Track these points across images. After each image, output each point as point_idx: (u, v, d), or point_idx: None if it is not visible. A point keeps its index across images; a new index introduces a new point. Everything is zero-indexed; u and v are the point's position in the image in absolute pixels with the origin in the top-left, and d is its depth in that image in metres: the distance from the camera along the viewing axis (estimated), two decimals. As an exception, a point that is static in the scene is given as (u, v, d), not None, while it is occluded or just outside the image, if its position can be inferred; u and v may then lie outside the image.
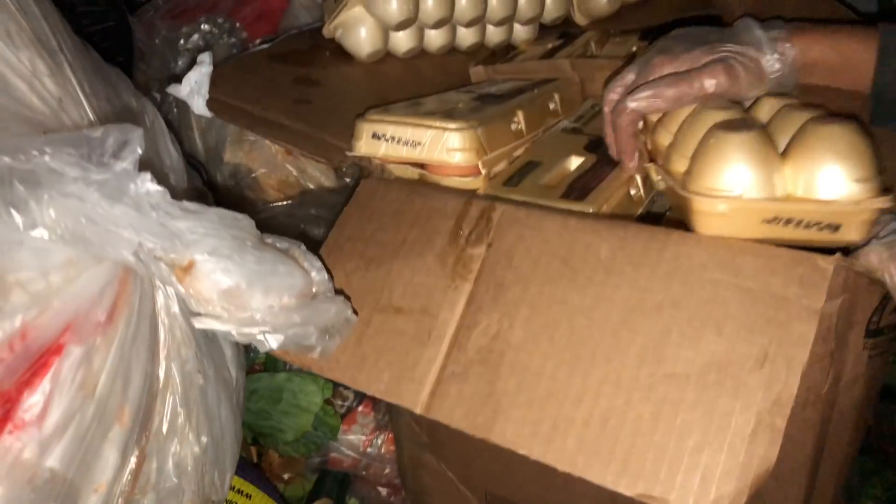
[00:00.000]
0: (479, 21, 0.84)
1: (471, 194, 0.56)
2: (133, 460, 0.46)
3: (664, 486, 0.39)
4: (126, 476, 0.45)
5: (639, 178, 0.59)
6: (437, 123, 0.57)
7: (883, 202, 0.43)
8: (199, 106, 0.68)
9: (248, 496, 0.66)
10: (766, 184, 0.44)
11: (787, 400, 0.39)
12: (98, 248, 0.39)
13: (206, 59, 0.70)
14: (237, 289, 0.42)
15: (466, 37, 0.86)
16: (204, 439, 0.53)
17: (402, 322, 0.52)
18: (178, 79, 0.80)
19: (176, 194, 0.54)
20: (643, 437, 0.40)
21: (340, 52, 0.80)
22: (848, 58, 0.56)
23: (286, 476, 0.82)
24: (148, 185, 0.40)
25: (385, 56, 0.81)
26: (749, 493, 0.37)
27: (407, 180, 0.62)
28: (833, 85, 0.56)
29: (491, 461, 0.64)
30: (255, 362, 0.81)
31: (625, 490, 0.40)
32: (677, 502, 0.39)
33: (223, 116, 0.70)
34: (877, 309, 0.45)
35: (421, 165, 0.59)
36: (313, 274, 0.48)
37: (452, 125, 0.57)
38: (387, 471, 0.83)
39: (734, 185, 0.44)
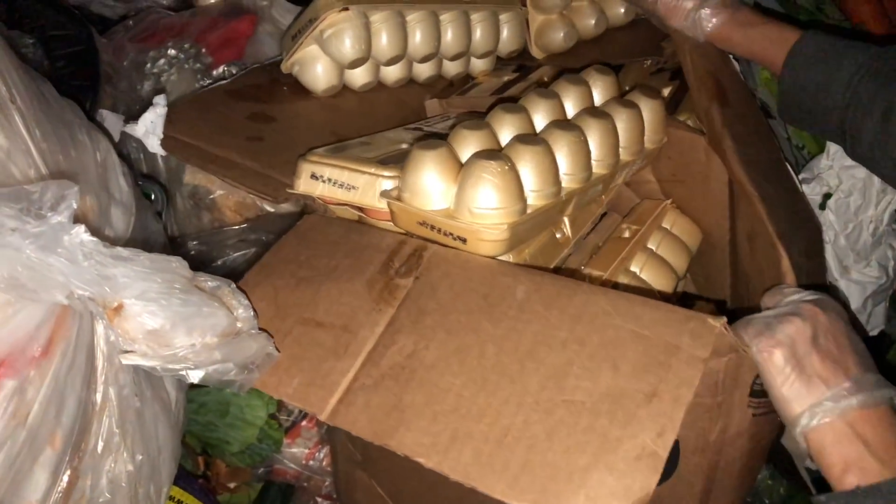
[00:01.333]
0: (433, 57, 0.88)
1: (407, 235, 0.60)
2: (65, 479, 0.50)
3: (552, 501, 0.42)
4: (56, 494, 0.49)
5: (566, 220, 0.65)
6: (371, 170, 0.61)
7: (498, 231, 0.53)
8: (153, 146, 0.73)
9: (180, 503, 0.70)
10: (428, 196, 0.56)
11: (670, 432, 0.43)
12: (32, 294, 0.44)
13: (160, 101, 0.74)
14: (161, 330, 0.46)
15: (423, 70, 0.91)
16: (139, 457, 0.58)
17: (322, 335, 0.55)
18: (143, 102, 0.84)
19: (119, 231, 0.58)
20: (537, 454, 0.44)
21: (298, 87, 0.84)
22: (755, 53, 0.72)
23: (232, 485, 0.86)
24: (82, 235, 0.44)
25: (342, 90, 0.86)
26: None
27: (347, 219, 0.66)
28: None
29: (419, 483, 0.68)
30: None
31: (515, 500, 0.43)
32: None
33: (176, 155, 0.74)
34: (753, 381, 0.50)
35: (359, 208, 0.64)
36: (239, 311, 0.52)
37: (385, 173, 0.61)
38: (327, 483, 0.88)
39: (404, 190, 0.57)
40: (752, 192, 0.63)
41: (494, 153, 0.56)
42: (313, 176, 0.64)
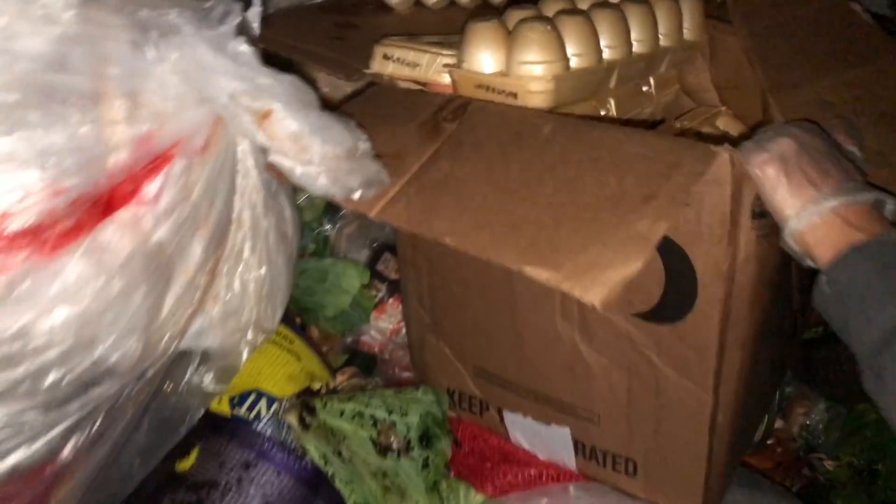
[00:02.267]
0: None
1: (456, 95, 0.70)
2: (211, 262, 0.60)
3: (551, 264, 0.50)
4: (205, 273, 0.59)
5: (612, 101, 0.72)
6: (434, 49, 0.72)
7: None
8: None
9: (291, 342, 0.80)
10: (483, 61, 0.66)
11: (663, 223, 0.50)
12: (202, 87, 0.53)
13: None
14: (302, 134, 0.55)
15: None
16: (263, 271, 0.67)
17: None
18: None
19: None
20: (544, 234, 0.52)
21: (381, 3, 0.94)
22: None
23: (323, 349, 0.96)
24: (242, 45, 0.54)
25: (420, 8, 0.95)
26: (622, 283, 0.48)
27: (408, 88, 0.75)
28: None
29: (478, 338, 0.77)
30: (305, 251, 0.95)
31: (521, 265, 0.51)
32: (567, 277, 0.49)
33: (270, 47, 0.85)
34: (756, 195, 0.56)
35: (423, 83, 0.73)
36: (360, 135, 0.61)
37: (445, 51, 0.71)
38: (407, 357, 0.96)
39: (463, 60, 0.67)
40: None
41: (539, 17, 0.65)
42: (385, 56, 0.74)
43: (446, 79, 0.71)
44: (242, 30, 0.54)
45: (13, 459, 0.52)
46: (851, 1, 0.85)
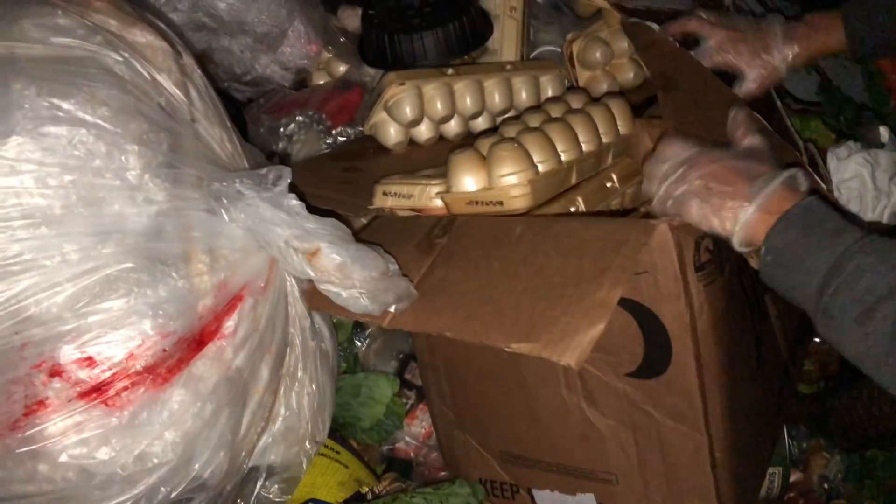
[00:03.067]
0: (481, 114, 1.10)
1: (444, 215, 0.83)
2: (274, 382, 0.69)
3: (533, 336, 0.61)
4: (271, 393, 0.69)
5: (580, 199, 0.86)
6: (423, 181, 0.86)
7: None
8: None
9: (338, 452, 0.88)
10: (468, 182, 0.79)
11: (617, 290, 0.62)
12: (264, 237, 0.65)
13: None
14: (345, 264, 0.67)
15: (477, 124, 1.12)
16: (314, 388, 0.77)
17: None
18: (279, 158, 1.10)
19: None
20: (524, 315, 0.64)
21: (379, 146, 1.08)
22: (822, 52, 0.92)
23: (363, 460, 1.03)
24: (293, 201, 0.66)
25: (413, 145, 1.09)
26: (590, 343, 0.59)
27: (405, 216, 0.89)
28: None
29: (499, 424, 0.87)
30: (339, 370, 1.05)
31: (507, 343, 0.62)
32: (545, 346, 0.60)
33: None
34: (695, 250, 0.68)
35: (419, 210, 0.87)
36: (390, 265, 0.72)
37: (432, 181, 0.85)
38: (440, 458, 1.04)
39: (452, 185, 0.80)
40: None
41: (506, 139, 0.81)
42: (384, 193, 0.88)
43: (437, 203, 0.84)
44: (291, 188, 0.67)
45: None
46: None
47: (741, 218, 0.64)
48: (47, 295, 0.53)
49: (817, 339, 1.08)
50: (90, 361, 0.54)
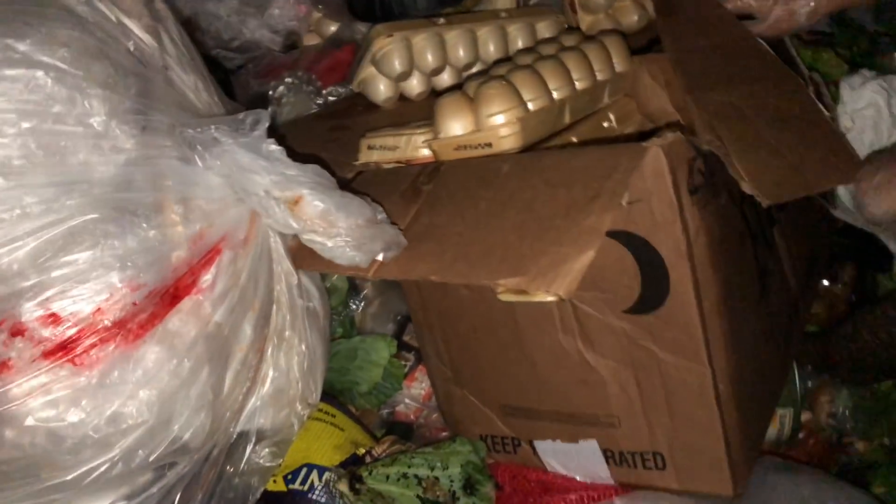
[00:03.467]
0: (473, 64, 1.04)
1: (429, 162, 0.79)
2: (259, 341, 0.66)
3: (521, 270, 0.59)
4: (255, 352, 0.66)
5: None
6: (407, 131, 0.82)
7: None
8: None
9: (333, 415, 0.85)
10: (455, 126, 0.75)
11: (608, 214, 0.59)
12: (242, 185, 0.61)
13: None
14: (329, 211, 0.63)
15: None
16: (303, 348, 0.74)
17: None
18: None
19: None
20: (512, 252, 0.61)
21: (368, 103, 1.04)
22: None
23: (361, 425, 1.00)
24: (272, 146, 0.62)
25: (403, 100, 1.04)
26: (580, 271, 0.57)
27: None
28: None
29: (497, 377, 0.84)
30: (334, 335, 1.01)
31: (495, 280, 0.60)
32: (534, 279, 0.58)
33: None
34: (688, 172, 0.65)
35: (405, 162, 0.82)
36: (377, 212, 0.68)
37: (417, 130, 0.81)
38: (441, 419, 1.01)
39: (438, 131, 0.76)
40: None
41: (493, 77, 0.77)
42: (369, 147, 0.85)
43: (424, 153, 0.80)
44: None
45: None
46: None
47: None
48: (6, 251, 0.50)
49: (826, 282, 1.05)
50: (54, 318, 0.50)
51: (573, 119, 0.84)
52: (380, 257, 0.66)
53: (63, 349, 0.50)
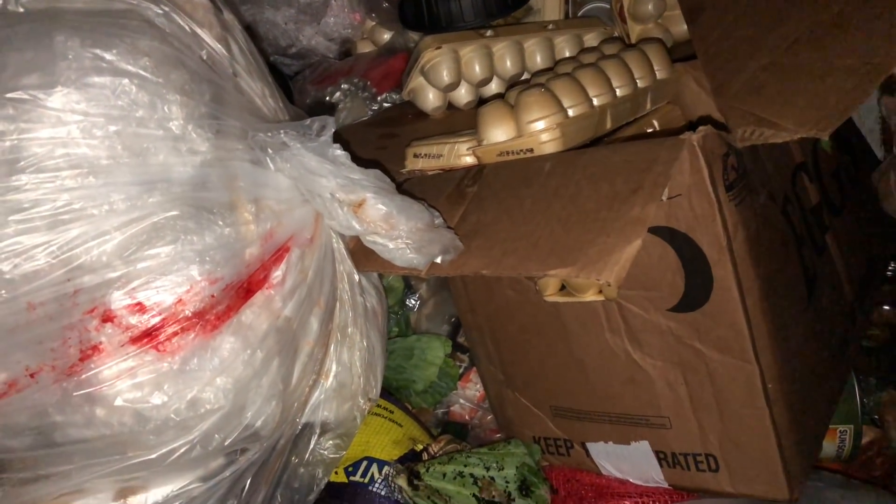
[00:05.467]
0: (520, 75, 1.07)
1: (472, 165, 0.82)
2: (324, 336, 0.69)
3: (569, 260, 0.61)
4: (321, 346, 0.69)
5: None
6: (451, 140, 0.85)
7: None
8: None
9: (391, 412, 0.88)
10: (498, 133, 0.78)
11: (651, 205, 0.61)
12: (308, 187, 0.65)
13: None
14: (391, 214, 0.66)
15: None
16: (364, 344, 0.77)
17: None
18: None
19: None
20: (559, 244, 0.63)
21: (418, 111, 1.07)
22: None
23: (417, 424, 1.03)
24: (338, 151, 0.65)
25: (452, 109, 1.07)
26: (628, 260, 0.58)
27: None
28: None
29: (546, 379, 0.85)
30: (391, 334, 1.04)
31: (545, 270, 0.62)
32: (583, 268, 0.60)
33: None
34: (722, 168, 0.66)
35: (448, 170, 0.85)
36: (435, 217, 0.71)
37: (460, 139, 0.84)
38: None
39: (482, 139, 0.79)
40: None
41: (533, 85, 0.79)
42: (415, 155, 0.88)
43: (467, 161, 0.83)
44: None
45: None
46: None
47: None
48: (97, 243, 0.54)
49: (887, 307, 1.04)
50: (140, 307, 0.54)
51: (615, 125, 0.85)
52: (438, 260, 0.68)
53: (148, 336, 0.54)
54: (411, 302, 1.04)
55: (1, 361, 0.52)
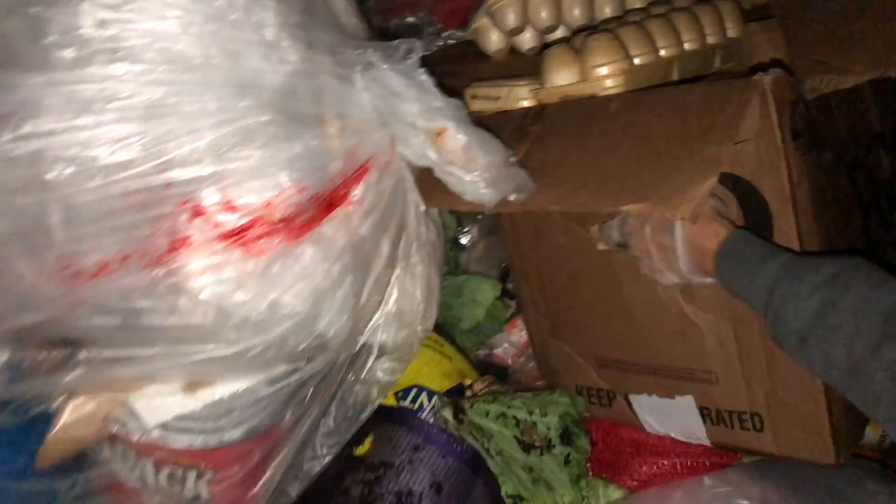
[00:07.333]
0: (588, 26, 1.04)
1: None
2: (391, 260, 0.70)
3: (645, 198, 0.61)
4: (388, 269, 0.70)
5: None
6: (510, 83, 0.85)
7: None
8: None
9: (442, 345, 0.89)
10: (561, 77, 0.78)
11: (726, 144, 0.62)
12: (391, 111, 0.65)
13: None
14: (470, 146, 0.66)
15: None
16: (425, 274, 0.78)
17: None
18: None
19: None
20: (630, 178, 0.64)
21: (480, 52, 1.05)
22: None
23: (459, 363, 1.04)
24: (423, 76, 0.66)
25: (514, 53, 1.05)
26: (703, 197, 0.59)
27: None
28: None
29: (593, 327, 0.86)
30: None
31: (618, 206, 0.63)
32: (657, 203, 0.61)
33: None
34: (791, 115, 0.65)
35: (504, 112, 0.85)
36: (510, 154, 0.71)
37: (520, 82, 0.84)
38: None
39: (545, 82, 0.79)
40: None
41: (600, 30, 0.79)
42: (473, 96, 0.88)
43: (524, 105, 0.84)
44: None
45: (250, 424, 0.63)
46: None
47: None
48: (189, 139, 0.55)
49: None
50: (230, 206, 0.56)
51: (681, 79, 0.84)
52: (512, 198, 0.69)
53: (236, 235, 0.55)
54: (464, 241, 1.05)
55: (94, 244, 0.54)
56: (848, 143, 0.77)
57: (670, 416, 0.84)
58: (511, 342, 1.04)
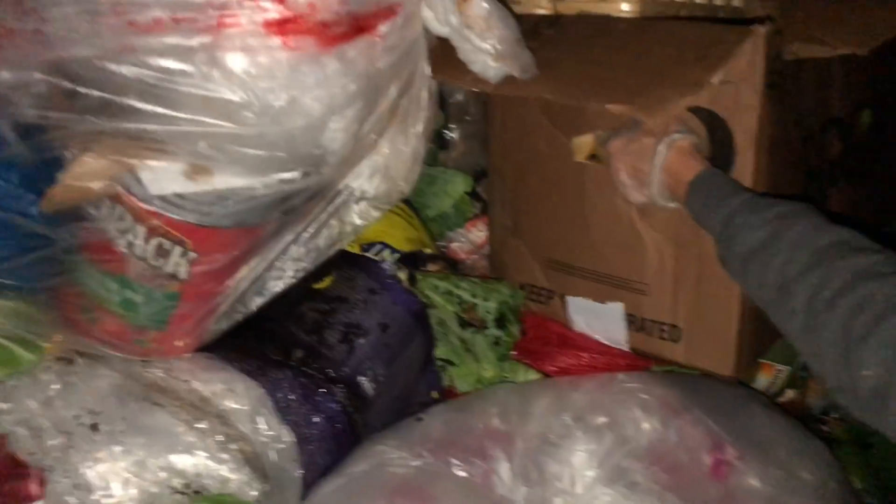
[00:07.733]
0: None
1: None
2: (392, 109, 0.76)
3: (629, 101, 0.70)
4: (388, 112, 0.76)
5: None
6: None
7: None
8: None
9: (411, 216, 0.97)
10: None
11: (711, 73, 0.72)
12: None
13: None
14: (491, 15, 0.72)
15: None
16: (415, 137, 0.84)
17: None
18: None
19: None
20: (621, 84, 0.74)
21: None
22: None
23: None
24: (461, -57, 0.71)
25: None
26: (678, 110, 0.71)
27: None
28: None
29: (552, 231, 0.94)
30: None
31: (605, 103, 0.72)
32: (638, 108, 0.70)
33: None
34: (772, 69, 0.75)
35: None
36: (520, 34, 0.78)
37: None
38: (486, 267, 1.12)
39: None
40: None
41: None
42: None
43: (541, 12, 0.89)
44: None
45: (239, 217, 0.68)
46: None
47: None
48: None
49: None
50: (278, -2, 0.60)
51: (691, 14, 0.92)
52: (516, 74, 0.75)
53: (279, 25, 0.60)
54: (447, 137, 1.11)
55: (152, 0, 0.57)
56: (809, 114, 0.87)
57: (599, 319, 0.93)
58: (468, 239, 1.11)
